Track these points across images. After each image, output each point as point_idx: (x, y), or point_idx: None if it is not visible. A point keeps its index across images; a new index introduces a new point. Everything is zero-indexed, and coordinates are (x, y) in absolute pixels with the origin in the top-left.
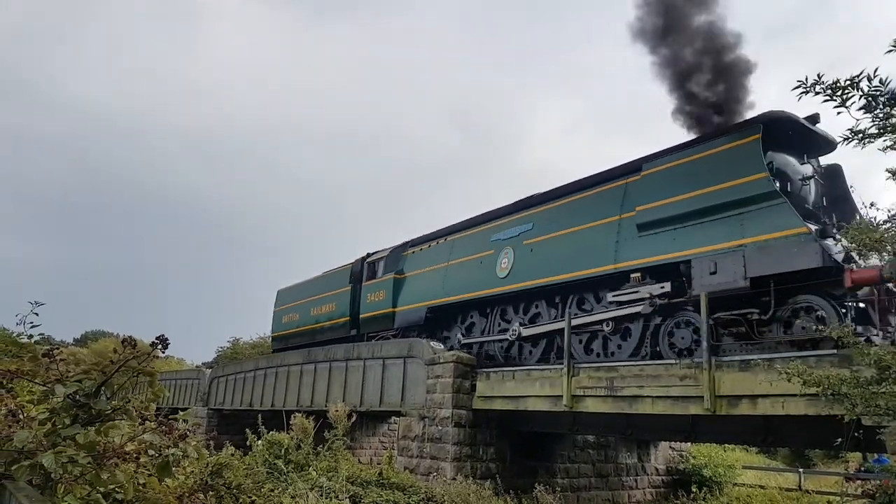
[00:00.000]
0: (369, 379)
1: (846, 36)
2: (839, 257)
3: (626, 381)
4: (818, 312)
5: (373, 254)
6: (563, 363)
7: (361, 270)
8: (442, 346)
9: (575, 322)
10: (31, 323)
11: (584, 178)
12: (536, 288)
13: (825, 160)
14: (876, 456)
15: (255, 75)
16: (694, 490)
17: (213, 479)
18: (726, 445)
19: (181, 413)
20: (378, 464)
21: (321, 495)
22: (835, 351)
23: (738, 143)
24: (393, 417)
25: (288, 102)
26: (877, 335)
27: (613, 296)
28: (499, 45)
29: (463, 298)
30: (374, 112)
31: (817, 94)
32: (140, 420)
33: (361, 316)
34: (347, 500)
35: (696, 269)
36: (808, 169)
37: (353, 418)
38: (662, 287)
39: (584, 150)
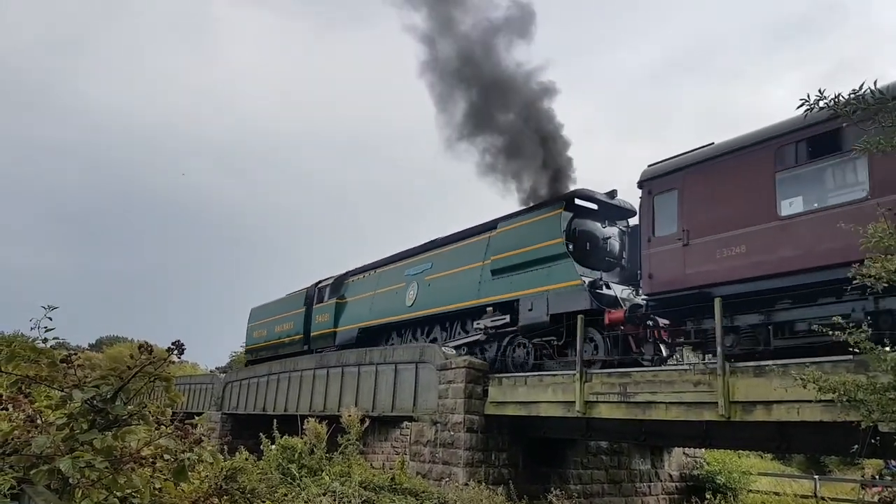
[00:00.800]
0: (381, 384)
1: (858, 38)
2: (608, 300)
3: (639, 387)
4: (595, 341)
5: (322, 281)
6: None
7: (313, 295)
8: (454, 352)
9: (452, 344)
10: (45, 327)
11: (464, 230)
12: (432, 315)
13: (634, 221)
14: (894, 462)
15: (270, 83)
16: (708, 497)
17: (227, 483)
18: (740, 452)
19: (196, 418)
20: (390, 469)
21: (334, 500)
22: (851, 357)
23: (549, 215)
24: (405, 422)
25: (303, 110)
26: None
27: (475, 323)
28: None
29: (383, 322)
30: (387, 117)
31: (822, 109)
32: (156, 425)
33: (312, 334)
34: None
35: (521, 307)
36: (611, 231)
37: (366, 423)
38: (503, 318)
39: (601, 153)
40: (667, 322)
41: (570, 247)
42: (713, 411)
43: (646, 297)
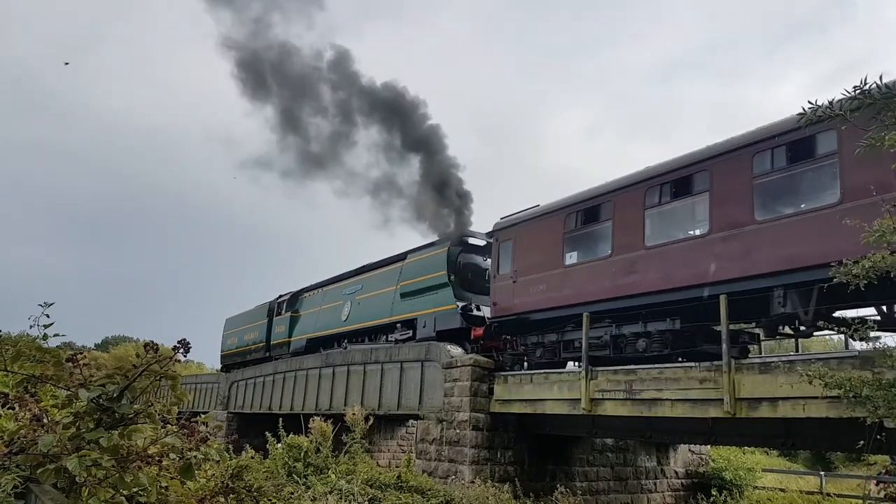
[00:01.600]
0: (387, 382)
1: (866, 34)
2: (476, 320)
3: (644, 384)
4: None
5: (282, 295)
6: (581, 367)
7: (274, 308)
8: (460, 350)
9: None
10: (44, 324)
11: (385, 259)
12: (361, 329)
13: None
14: None
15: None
16: (714, 493)
17: (233, 481)
18: (746, 448)
19: (202, 416)
20: (396, 467)
21: (340, 498)
22: (857, 352)
23: (438, 252)
24: (411, 421)
25: None
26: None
27: (389, 337)
28: (520, 48)
29: (325, 334)
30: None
31: (819, 119)
32: (162, 423)
33: (272, 342)
34: (366, 503)
35: (419, 324)
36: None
37: (370, 421)
38: (407, 333)
39: (606, 152)
40: (508, 336)
41: (453, 277)
42: (719, 408)
43: (489, 319)
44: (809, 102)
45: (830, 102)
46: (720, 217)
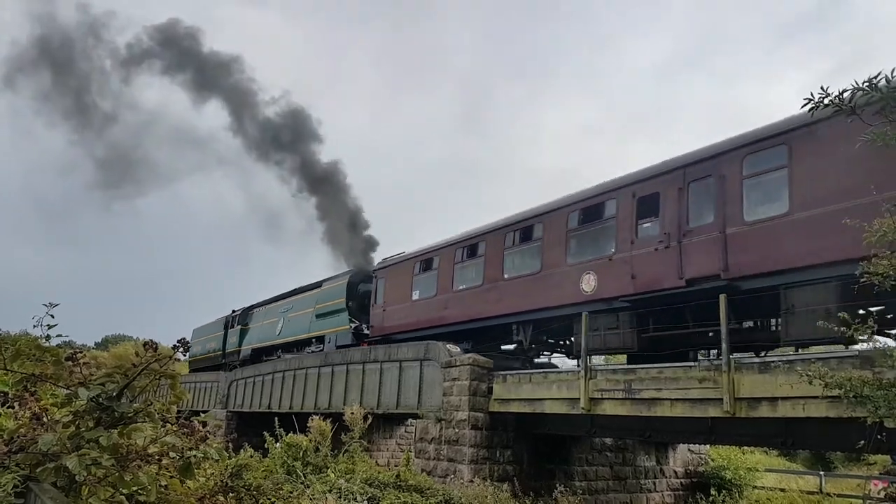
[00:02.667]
0: (386, 381)
1: (864, 32)
2: (365, 338)
3: (644, 384)
4: None
5: (237, 310)
6: (579, 366)
7: (230, 321)
8: (458, 349)
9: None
10: (47, 325)
11: (308, 285)
12: (290, 342)
13: None
14: None
15: (277, 82)
16: (713, 493)
17: (233, 480)
18: (745, 448)
19: (202, 415)
20: (395, 466)
21: (339, 497)
22: (857, 352)
23: (340, 283)
24: (410, 420)
25: (311, 106)
26: None
27: (307, 349)
28: (514, 47)
29: (265, 345)
30: (393, 115)
31: (826, 106)
32: (162, 422)
33: (226, 350)
34: (366, 502)
35: (326, 340)
36: None
37: (369, 420)
38: (320, 347)
39: (604, 149)
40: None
41: (350, 303)
42: (718, 408)
43: (370, 337)
44: (821, 89)
45: (841, 93)
46: (489, 274)
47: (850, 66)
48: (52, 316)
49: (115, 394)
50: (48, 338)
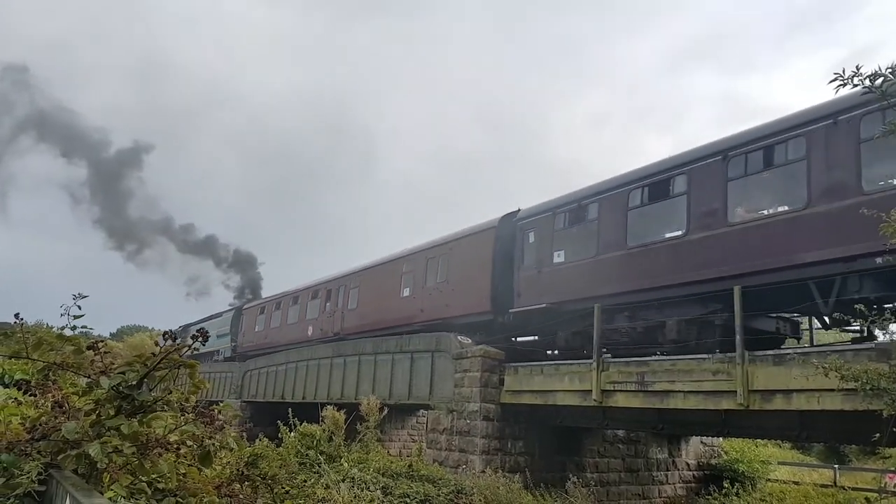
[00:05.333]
0: (398, 372)
1: (869, 27)
2: None
3: (657, 376)
4: None
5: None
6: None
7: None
8: (469, 340)
9: None
10: (73, 315)
11: (224, 310)
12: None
13: None
14: None
15: (288, 77)
16: (726, 486)
17: (248, 469)
18: (758, 441)
19: (222, 404)
20: (407, 456)
21: (353, 486)
22: (874, 345)
23: (228, 313)
24: (421, 410)
25: (321, 103)
26: None
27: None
28: (528, 38)
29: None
30: (407, 108)
31: (855, 86)
32: (180, 412)
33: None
34: (379, 491)
35: (219, 354)
36: None
37: (385, 412)
38: (220, 357)
39: (615, 142)
40: None
41: (233, 329)
42: (732, 400)
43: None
44: (854, 70)
45: (872, 77)
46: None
47: (860, 58)
48: (80, 307)
49: (135, 382)
50: (74, 328)
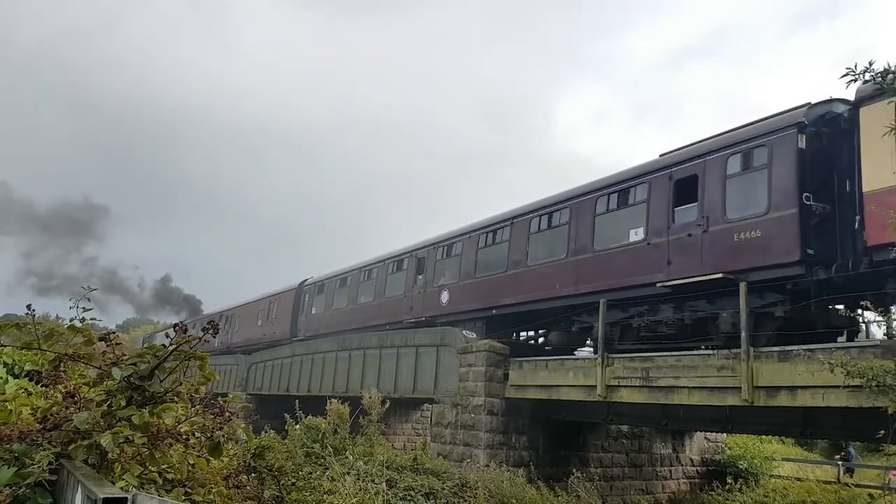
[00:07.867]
0: (402, 366)
1: (879, 19)
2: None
3: (661, 372)
4: None
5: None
6: (596, 353)
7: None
8: (474, 335)
9: None
10: (83, 307)
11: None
12: None
13: None
14: None
15: (286, 71)
16: (729, 481)
17: (255, 461)
18: (763, 437)
19: (230, 396)
20: (412, 450)
21: (358, 478)
22: (879, 342)
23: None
24: (426, 404)
25: (321, 97)
26: None
27: None
28: (527, 34)
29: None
30: (405, 103)
31: (866, 82)
32: (190, 403)
33: None
34: (384, 483)
35: None
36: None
37: (387, 405)
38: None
39: (617, 134)
40: None
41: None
42: (736, 396)
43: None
44: (867, 66)
45: (883, 73)
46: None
47: (860, 54)
48: (89, 300)
49: (146, 374)
50: (83, 321)
